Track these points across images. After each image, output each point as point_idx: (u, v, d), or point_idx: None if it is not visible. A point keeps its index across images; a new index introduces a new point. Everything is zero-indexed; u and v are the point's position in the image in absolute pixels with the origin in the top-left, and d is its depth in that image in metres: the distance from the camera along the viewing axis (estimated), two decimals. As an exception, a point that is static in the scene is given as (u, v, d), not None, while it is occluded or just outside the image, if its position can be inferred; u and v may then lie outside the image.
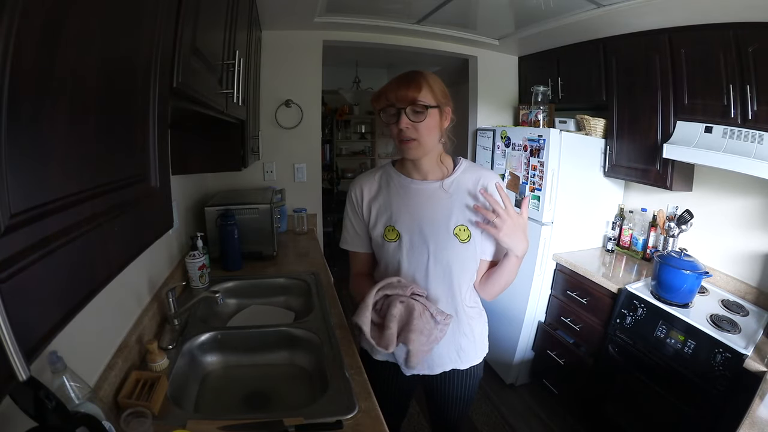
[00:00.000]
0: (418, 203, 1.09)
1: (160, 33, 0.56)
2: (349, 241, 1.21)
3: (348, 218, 1.20)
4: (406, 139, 1.00)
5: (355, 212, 1.18)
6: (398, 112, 0.98)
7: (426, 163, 1.09)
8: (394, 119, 0.99)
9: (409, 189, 1.11)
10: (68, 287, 0.37)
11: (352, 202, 1.18)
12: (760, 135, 1.60)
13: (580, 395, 2.16)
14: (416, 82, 0.98)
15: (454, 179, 1.10)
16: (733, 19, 1.65)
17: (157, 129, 0.56)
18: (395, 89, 0.98)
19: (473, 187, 1.08)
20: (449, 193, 1.08)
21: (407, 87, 0.97)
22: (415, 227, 1.08)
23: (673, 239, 2.09)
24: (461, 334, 1.16)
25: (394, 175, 1.14)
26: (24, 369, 0.27)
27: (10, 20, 0.27)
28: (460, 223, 1.07)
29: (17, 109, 0.28)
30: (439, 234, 1.07)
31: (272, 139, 2.54)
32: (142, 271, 1.30)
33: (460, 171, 1.11)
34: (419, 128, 0.98)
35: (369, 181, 1.17)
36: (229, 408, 1.16)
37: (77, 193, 0.38)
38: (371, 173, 1.19)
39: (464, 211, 1.07)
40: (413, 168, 1.11)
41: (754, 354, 1.43)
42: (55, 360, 0.67)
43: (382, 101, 1.01)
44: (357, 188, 1.17)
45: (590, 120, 2.37)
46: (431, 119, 0.99)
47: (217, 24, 1.01)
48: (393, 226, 1.10)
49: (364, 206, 1.15)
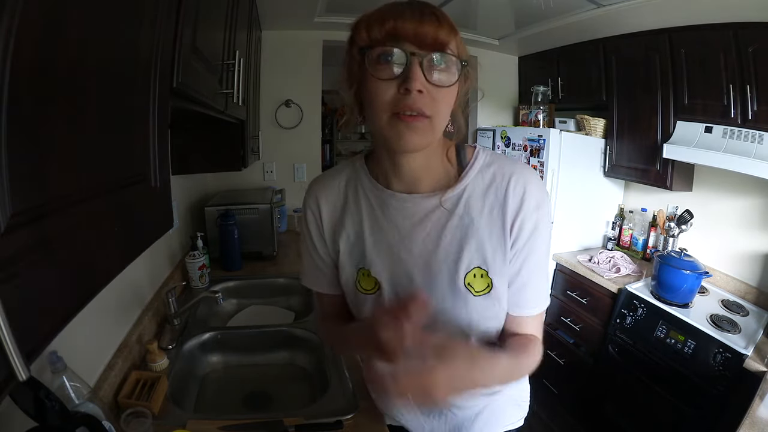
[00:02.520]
0: (404, 234, 0.68)
1: (160, 33, 0.56)
2: (310, 276, 0.80)
3: (305, 244, 0.78)
4: (411, 114, 0.55)
5: (311, 237, 0.76)
6: (408, 61, 0.54)
7: (420, 163, 0.65)
8: (395, 70, 0.55)
9: (389, 207, 0.68)
10: (68, 287, 0.37)
11: (308, 224, 0.76)
12: (760, 135, 1.60)
13: (580, 395, 2.16)
14: (446, 18, 0.57)
15: (466, 187, 0.66)
16: (733, 19, 1.65)
17: (157, 129, 0.56)
18: (413, 17, 0.54)
19: (497, 197, 0.65)
20: (458, 212, 0.65)
21: (436, 22, 0.55)
22: (402, 273, 0.68)
23: (673, 239, 2.09)
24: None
25: (368, 182, 0.71)
26: (24, 369, 0.27)
27: (10, 20, 0.27)
28: (475, 265, 0.66)
29: (17, 109, 0.28)
30: (439, 286, 0.67)
31: (272, 139, 2.54)
32: (142, 271, 1.30)
33: (475, 172, 0.66)
34: (439, 98, 0.57)
35: (328, 189, 0.74)
36: (229, 408, 1.16)
37: (77, 193, 0.38)
38: (332, 178, 0.75)
39: (483, 242, 0.65)
40: (393, 170, 0.67)
41: (754, 354, 1.43)
42: (55, 360, 0.67)
43: (377, 32, 0.55)
44: (311, 201, 0.75)
45: (590, 120, 2.37)
46: (456, 87, 0.59)
47: (217, 24, 1.01)
48: (368, 270, 0.70)
49: (325, 230, 0.74)
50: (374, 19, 0.56)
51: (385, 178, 0.69)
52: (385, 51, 0.55)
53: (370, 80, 0.56)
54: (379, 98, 0.56)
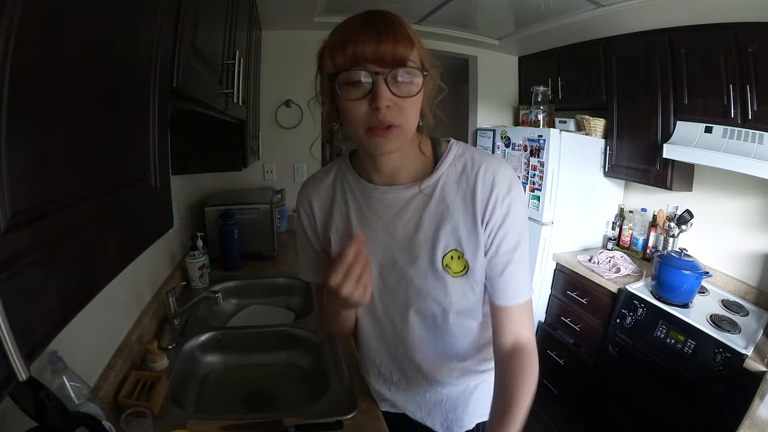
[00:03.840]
0: (387, 222, 0.75)
1: (160, 33, 0.56)
2: (307, 269, 0.87)
3: (300, 240, 0.86)
4: (383, 126, 0.62)
5: (306, 233, 0.83)
6: (374, 80, 0.59)
7: (395, 159, 0.71)
8: (363, 92, 0.60)
9: (372, 199, 0.75)
10: (68, 287, 0.37)
11: (302, 220, 0.84)
12: (760, 135, 1.60)
13: (580, 395, 2.16)
14: (402, 32, 0.60)
15: (441, 176, 0.73)
16: (733, 19, 1.65)
17: (157, 129, 0.56)
18: (370, 40, 0.59)
19: (468, 184, 0.71)
20: (434, 199, 0.72)
21: (393, 39, 0.59)
22: (386, 257, 0.75)
23: (673, 239, 2.09)
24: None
25: (352, 178, 0.78)
26: (24, 369, 0.27)
27: (10, 20, 0.27)
28: (452, 247, 0.72)
29: (17, 109, 0.28)
30: (420, 267, 0.73)
31: (272, 139, 2.54)
32: (142, 271, 1.30)
33: (448, 162, 0.73)
34: (406, 106, 0.62)
35: (319, 189, 0.81)
36: (229, 408, 1.16)
37: (77, 193, 0.38)
38: (321, 177, 0.82)
39: (458, 226, 0.71)
40: (373, 167, 0.74)
41: (754, 354, 1.43)
42: (55, 360, 0.67)
43: (340, 59, 0.60)
44: (304, 201, 0.82)
45: (590, 120, 2.37)
46: (421, 93, 0.64)
47: (217, 24, 1.01)
48: None
49: (318, 224, 0.81)
50: (336, 47, 0.61)
51: (367, 173, 0.76)
52: (350, 76, 0.60)
53: (342, 101, 0.63)
54: (353, 116, 0.63)
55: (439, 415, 0.88)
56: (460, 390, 0.86)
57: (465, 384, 0.85)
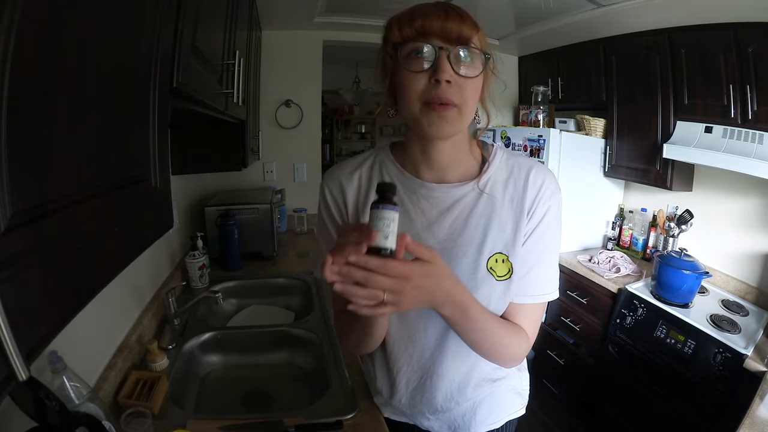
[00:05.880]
0: (431, 220, 0.71)
1: (160, 33, 0.56)
2: None
3: (324, 231, 0.79)
4: (441, 103, 0.60)
5: (333, 221, 0.77)
6: (437, 54, 0.60)
7: (448, 153, 0.70)
8: (425, 64, 0.60)
9: (417, 195, 0.72)
10: (68, 287, 0.37)
11: (329, 208, 0.77)
12: (760, 135, 1.60)
13: (580, 395, 2.16)
14: (468, 16, 0.62)
15: (490, 177, 0.71)
16: (733, 19, 1.65)
17: (157, 129, 0.56)
18: (438, 16, 0.60)
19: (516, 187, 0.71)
20: (483, 200, 0.70)
21: (460, 19, 0.60)
22: None
23: (673, 239, 2.09)
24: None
25: (396, 171, 0.74)
26: (24, 369, 0.27)
27: (10, 20, 0.27)
28: (498, 250, 0.69)
29: (17, 109, 0.28)
30: (462, 270, 0.69)
31: (272, 139, 2.54)
32: (142, 271, 1.30)
33: (497, 164, 0.72)
34: (466, 88, 0.62)
35: (352, 177, 0.76)
36: (229, 408, 1.16)
37: (77, 193, 0.38)
38: (355, 165, 0.77)
39: (505, 229, 0.70)
40: (424, 160, 0.71)
41: (754, 354, 1.43)
42: (55, 360, 0.67)
43: (408, 30, 0.61)
44: (334, 187, 0.76)
45: (590, 120, 2.37)
46: (481, 78, 0.65)
47: (217, 24, 1.01)
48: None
49: (350, 213, 0.76)
50: (404, 18, 0.62)
51: (414, 167, 0.73)
52: (415, 47, 0.61)
53: (403, 73, 0.62)
54: (411, 89, 0.61)
55: (446, 420, 0.84)
56: (468, 405, 0.82)
57: (477, 394, 0.81)
